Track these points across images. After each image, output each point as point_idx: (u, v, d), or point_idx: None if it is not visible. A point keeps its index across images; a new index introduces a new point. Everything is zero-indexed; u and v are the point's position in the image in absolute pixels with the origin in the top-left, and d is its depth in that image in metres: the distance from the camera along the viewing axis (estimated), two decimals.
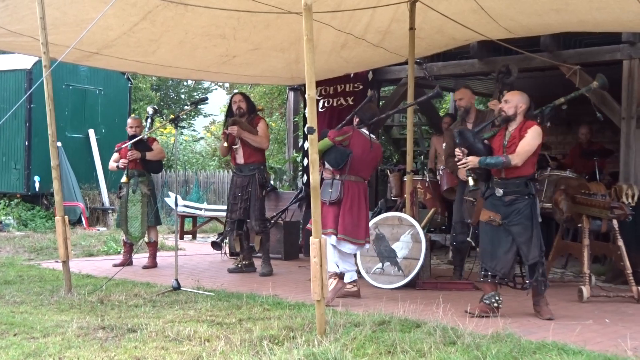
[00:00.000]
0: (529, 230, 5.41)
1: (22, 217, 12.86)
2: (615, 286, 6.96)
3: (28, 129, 13.21)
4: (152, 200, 8.09)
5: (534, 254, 5.41)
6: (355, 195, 6.21)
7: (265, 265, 7.73)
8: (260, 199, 7.69)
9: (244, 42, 7.53)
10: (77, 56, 7.44)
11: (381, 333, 4.69)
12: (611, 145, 9.31)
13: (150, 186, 8.13)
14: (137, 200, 7.98)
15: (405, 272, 6.79)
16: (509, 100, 5.56)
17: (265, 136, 7.73)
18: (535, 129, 5.45)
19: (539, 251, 5.42)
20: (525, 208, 5.42)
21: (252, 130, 7.62)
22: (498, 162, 5.41)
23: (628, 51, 7.54)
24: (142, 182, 8.03)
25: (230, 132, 7.53)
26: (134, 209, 7.98)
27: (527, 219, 5.42)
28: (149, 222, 8.03)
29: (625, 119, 7.55)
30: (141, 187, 8.01)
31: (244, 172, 7.73)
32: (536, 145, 5.44)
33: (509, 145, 5.48)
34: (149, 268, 8.04)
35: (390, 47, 7.88)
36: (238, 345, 4.38)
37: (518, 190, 5.45)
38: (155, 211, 8.15)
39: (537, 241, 5.41)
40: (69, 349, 4.33)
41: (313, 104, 4.78)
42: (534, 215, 5.44)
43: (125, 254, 8.29)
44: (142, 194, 8.01)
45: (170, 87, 28.18)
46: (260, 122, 7.77)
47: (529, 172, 5.47)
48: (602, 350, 4.40)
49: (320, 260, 4.58)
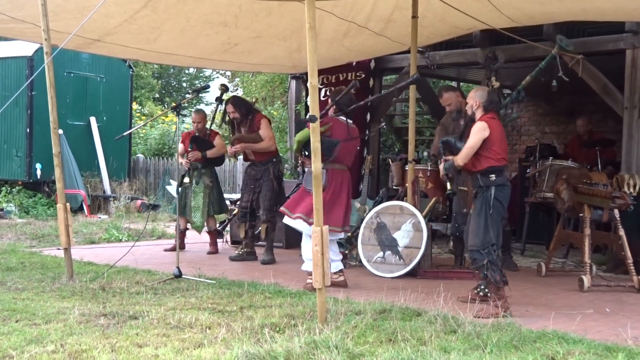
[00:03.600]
0: (473, 220, 5.47)
1: (24, 205, 12.87)
2: (616, 276, 6.97)
3: (29, 117, 13.20)
4: (214, 191, 8.31)
5: (471, 242, 5.42)
6: (338, 183, 6.24)
7: (267, 253, 7.76)
8: (273, 191, 7.74)
9: (246, 29, 7.50)
10: (79, 43, 7.42)
11: (382, 321, 4.71)
12: (613, 135, 9.30)
13: (212, 177, 8.35)
14: (199, 191, 8.22)
15: (406, 261, 6.80)
16: (468, 100, 5.65)
17: (269, 138, 7.77)
18: (477, 125, 5.44)
19: (478, 241, 5.36)
20: (478, 199, 5.47)
21: (256, 139, 7.71)
22: (449, 165, 5.55)
23: (631, 40, 7.51)
24: (204, 174, 8.25)
25: (237, 152, 7.77)
26: (197, 200, 8.20)
27: (475, 209, 5.48)
28: (210, 212, 8.30)
29: (628, 109, 7.53)
30: (204, 179, 8.24)
31: (257, 166, 7.87)
32: (477, 141, 5.38)
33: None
34: (212, 254, 8.31)
35: (392, 36, 7.85)
36: (239, 333, 4.40)
37: (474, 184, 5.57)
38: (219, 201, 8.40)
39: (477, 231, 5.38)
40: (70, 335, 4.35)
41: (315, 92, 4.77)
42: (481, 206, 5.41)
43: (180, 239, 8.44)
44: (204, 185, 8.23)
45: (172, 75, 28.15)
46: (262, 122, 7.79)
47: (483, 166, 5.42)
48: (603, 340, 4.41)
49: (322, 249, 4.59)
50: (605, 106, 8.08)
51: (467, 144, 5.44)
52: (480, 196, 5.45)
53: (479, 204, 5.44)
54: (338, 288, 6.10)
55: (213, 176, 8.36)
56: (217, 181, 8.49)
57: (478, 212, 5.43)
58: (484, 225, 5.38)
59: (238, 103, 7.92)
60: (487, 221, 5.37)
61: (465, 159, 5.43)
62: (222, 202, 8.51)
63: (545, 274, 7.07)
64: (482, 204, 5.42)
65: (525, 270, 7.38)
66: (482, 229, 5.37)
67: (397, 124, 12.47)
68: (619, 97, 7.62)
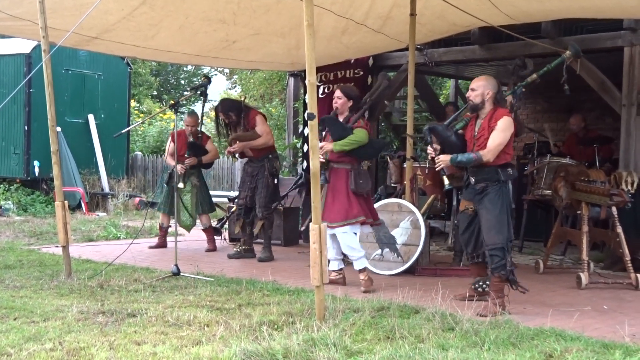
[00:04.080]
0: (491, 215, 5.23)
1: (22, 202, 12.87)
2: (613, 273, 6.99)
3: (27, 114, 13.19)
4: (201, 190, 8.43)
5: (493, 240, 5.18)
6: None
7: (264, 250, 7.77)
8: (268, 187, 7.74)
9: (244, 27, 7.49)
10: (77, 40, 7.40)
11: (380, 319, 4.71)
12: (611, 133, 9.30)
13: (199, 177, 8.47)
14: (187, 191, 8.32)
15: (404, 259, 6.81)
16: (475, 87, 5.36)
17: (265, 133, 7.78)
18: (505, 120, 5.23)
19: (502, 238, 5.17)
20: (493, 193, 5.25)
21: (253, 136, 7.73)
22: (469, 159, 5.25)
23: (629, 38, 7.51)
24: (192, 174, 8.37)
25: (235, 151, 7.78)
26: (185, 199, 8.30)
27: (492, 203, 5.23)
28: (199, 210, 8.41)
29: (626, 106, 7.52)
30: (191, 179, 8.36)
31: (254, 162, 7.89)
32: (507, 138, 5.24)
33: (479, 137, 5.31)
34: (211, 251, 8.41)
35: (390, 33, 7.85)
36: (237, 331, 4.40)
37: (488, 178, 5.29)
38: (207, 199, 8.53)
39: (500, 227, 5.20)
40: (69, 333, 4.35)
41: (313, 90, 4.77)
42: (501, 201, 5.25)
43: (161, 237, 8.64)
44: (192, 184, 8.35)
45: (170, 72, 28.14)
46: (257, 118, 7.80)
47: (502, 161, 5.28)
48: (600, 337, 4.42)
49: (320, 246, 4.60)
50: (603, 103, 8.07)
51: (498, 140, 5.19)
52: (497, 191, 5.23)
53: (496, 199, 5.21)
54: (336, 286, 6.12)
55: (200, 176, 8.50)
56: (204, 180, 8.65)
57: (498, 208, 5.20)
58: (506, 221, 5.21)
59: (227, 108, 7.84)
60: (508, 216, 5.23)
61: (494, 155, 5.21)
62: (210, 200, 8.63)
63: (543, 271, 7.07)
64: (501, 198, 5.22)
65: (523, 268, 7.38)
66: (506, 225, 5.20)
67: (395, 121, 12.47)
68: (617, 95, 7.62)
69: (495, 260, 5.19)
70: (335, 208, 6.03)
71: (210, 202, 8.61)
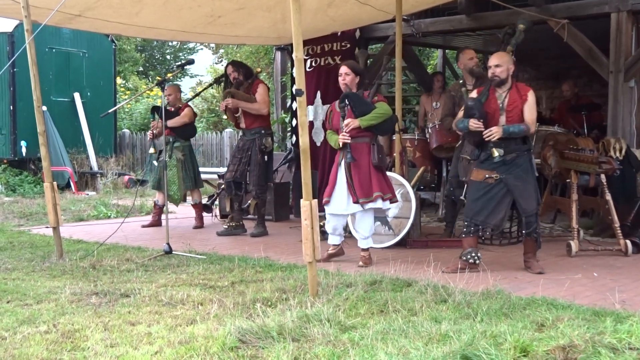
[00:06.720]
0: (527, 184, 5.55)
1: (10, 183, 12.80)
2: (603, 240, 7.05)
3: (12, 94, 13.07)
4: (187, 165, 8.35)
5: (532, 206, 5.55)
6: None
7: (258, 226, 7.76)
8: (260, 164, 7.69)
9: (229, 1, 7.40)
10: (60, 19, 7.29)
11: (373, 293, 4.74)
12: (599, 99, 9.31)
13: (184, 151, 8.38)
14: (172, 166, 8.28)
15: (395, 232, 6.83)
16: (500, 63, 5.58)
17: (263, 102, 7.72)
18: (533, 94, 5.64)
19: (536, 204, 5.59)
20: (524, 162, 5.57)
21: (250, 99, 7.67)
22: (521, 130, 5.53)
23: (616, 4, 7.48)
24: (176, 148, 8.30)
25: (227, 105, 7.64)
26: (171, 174, 8.23)
27: (526, 173, 5.57)
28: (187, 186, 8.35)
29: (613, 73, 7.52)
30: (175, 153, 8.29)
31: (246, 136, 7.84)
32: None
33: (511, 109, 5.56)
34: (198, 228, 8.41)
35: (377, 4, 7.77)
36: (231, 308, 4.42)
37: (517, 148, 5.57)
38: (194, 175, 8.45)
39: (534, 194, 5.58)
40: (62, 315, 4.35)
41: (301, 65, 4.73)
42: (532, 170, 5.63)
43: (155, 215, 8.61)
44: (176, 159, 8.29)
45: (155, 47, 27.87)
46: (259, 87, 7.76)
47: None
48: (591, 304, 4.46)
49: (312, 222, 4.59)
50: (591, 70, 8.06)
51: (535, 113, 5.62)
52: (528, 161, 5.58)
53: (529, 168, 5.58)
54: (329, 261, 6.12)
55: (186, 150, 8.40)
56: (192, 155, 8.53)
57: (531, 176, 5.58)
58: (535, 188, 5.61)
59: (238, 64, 7.97)
60: (535, 182, 5.64)
61: (535, 125, 5.70)
62: (196, 175, 8.53)
63: None
64: (532, 167, 5.61)
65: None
66: (536, 192, 5.60)
67: (383, 93, 12.43)
68: (605, 61, 7.61)
69: (531, 225, 5.56)
70: (367, 183, 5.96)
71: (194, 178, 8.46)
